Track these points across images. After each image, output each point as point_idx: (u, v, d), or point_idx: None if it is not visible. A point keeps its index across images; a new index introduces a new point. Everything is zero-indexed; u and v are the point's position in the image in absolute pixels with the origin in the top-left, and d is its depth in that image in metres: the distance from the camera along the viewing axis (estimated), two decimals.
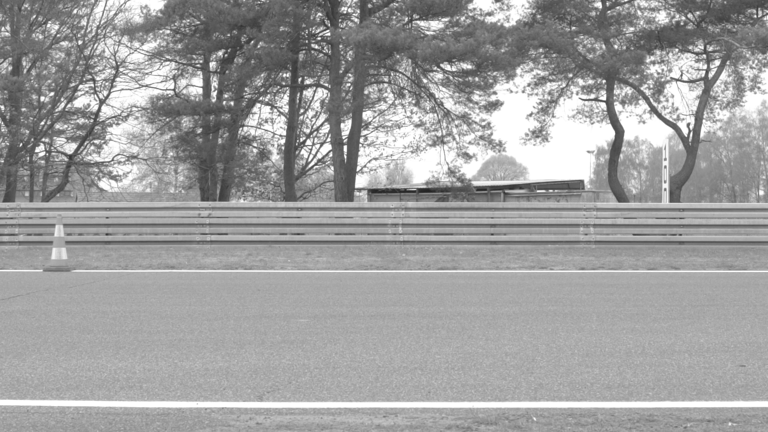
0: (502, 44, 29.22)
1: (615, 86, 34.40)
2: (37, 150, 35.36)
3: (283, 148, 36.75)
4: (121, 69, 35.55)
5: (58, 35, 35.40)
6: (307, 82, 35.64)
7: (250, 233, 21.01)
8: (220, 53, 34.34)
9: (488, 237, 21.11)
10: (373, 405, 4.58)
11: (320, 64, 34.52)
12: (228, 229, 20.94)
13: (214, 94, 34.69)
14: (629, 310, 8.64)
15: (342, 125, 31.68)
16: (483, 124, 32.77)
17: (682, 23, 34.47)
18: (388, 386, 5.03)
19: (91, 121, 35.49)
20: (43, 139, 34.88)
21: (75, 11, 35.14)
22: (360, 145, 34.31)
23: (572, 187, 43.32)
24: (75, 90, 35.35)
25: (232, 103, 34.21)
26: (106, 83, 35.74)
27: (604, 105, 35.29)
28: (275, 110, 38.07)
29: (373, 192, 43.61)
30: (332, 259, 16.14)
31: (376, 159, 40.39)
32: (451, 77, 31.59)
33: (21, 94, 32.45)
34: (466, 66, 30.16)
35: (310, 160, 41.81)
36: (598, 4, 34.37)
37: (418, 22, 31.80)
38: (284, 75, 34.26)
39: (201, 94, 35.58)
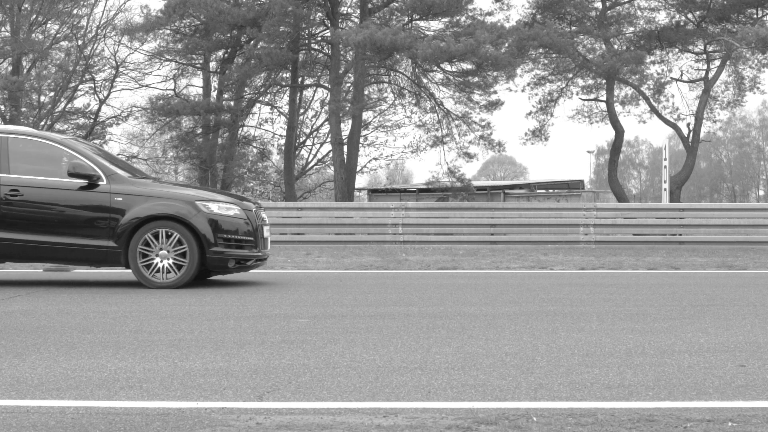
0: (502, 44, 29.22)
1: (615, 86, 34.40)
2: None
3: (283, 148, 36.77)
4: (121, 69, 35.56)
5: (58, 35, 35.40)
6: (307, 82, 35.64)
7: None
8: (220, 53, 34.34)
9: (488, 237, 21.12)
10: (373, 405, 4.58)
11: (320, 64, 34.53)
12: None
13: (214, 94, 34.69)
14: (629, 310, 8.64)
15: (342, 125, 31.66)
16: (483, 124, 32.77)
17: (682, 23, 34.47)
18: (388, 386, 5.04)
19: (91, 121, 35.50)
20: None
21: (75, 11, 35.15)
22: (360, 145, 34.33)
23: (572, 187, 43.33)
24: (75, 90, 35.36)
25: (232, 103, 34.21)
26: (106, 83, 35.76)
27: (604, 105, 35.28)
28: (275, 110, 38.11)
29: (373, 192, 43.62)
30: (332, 259, 16.15)
31: (376, 159, 40.44)
32: (451, 77, 31.58)
33: (21, 94, 32.45)
34: (466, 66, 30.16)
35: (310, 160, 41.83)
36: (598, 4, 34.36)
37: (418, 22, 31.79)
38: (284, 75, 34.25)
39: (201, 94, 35.58)
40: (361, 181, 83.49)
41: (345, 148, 31.33)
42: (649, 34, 34.25)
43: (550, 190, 42.32)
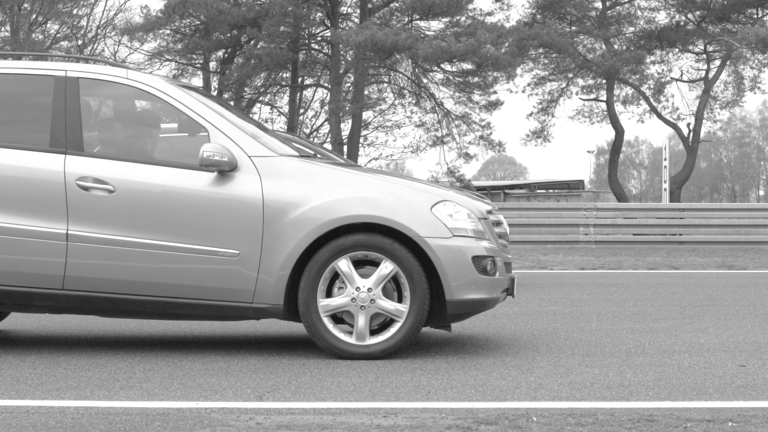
0: (502, 44, 29.24)
1: (615, 86, 34.41)
2: None
3: None
4: None
5: (58, 35, 35.40)
6: (307, 82, 35.64)
7: None
8: (220, 53, 34.34)
9: None
10: (373, 405, 4.58)
11: (320, 64, 34.53)
12: None
13: (214, 94, 34.68)
14: (629, 310, 8.64)
15: (342, 125, 31.67)
16: (483, 124, 32.79)
17: (682, 23, 34.48)
18: (388, 386, 5.04)
19: None
20: None
21: (75, 11, 35.15)
22: (360, 145, 34.32)
23: (572, 187, 43.33)
24: None
25: (232, 103, 34.20)
26: None
27: (604, 105, 35.30)
28: (275, 110, 38.08)
29: None
30: None
31: (376, 159, 40.35)
32: (451, 77, 31.60)
33: None
34: (467, 66, 30.17)
35: None
36: (598, 4, 34.38)
37: (418, 22, 31.80)
38: (284, 75, 34.26)
39: None
40: None
41: (345, 148, 31.32)
42: (649, 34, 34.26)
43: (550, 190, 42.33)
